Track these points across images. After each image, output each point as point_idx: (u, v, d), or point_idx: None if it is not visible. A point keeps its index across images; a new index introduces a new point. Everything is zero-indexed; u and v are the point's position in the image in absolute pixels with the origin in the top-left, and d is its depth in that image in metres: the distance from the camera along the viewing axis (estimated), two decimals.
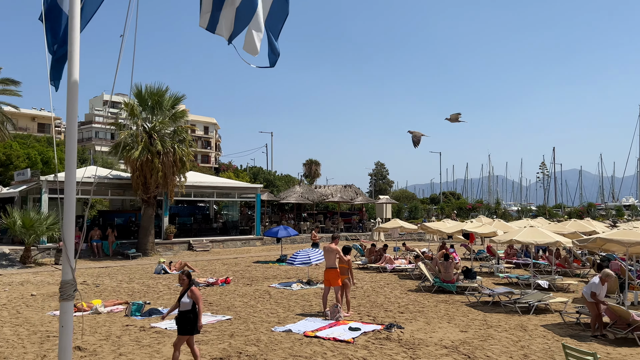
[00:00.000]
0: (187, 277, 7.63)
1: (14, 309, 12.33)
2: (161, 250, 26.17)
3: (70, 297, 3.57)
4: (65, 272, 3.71)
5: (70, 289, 3.57)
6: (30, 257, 21.00)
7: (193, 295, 7.40)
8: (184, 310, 7.39)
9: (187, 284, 7.54)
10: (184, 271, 7.78)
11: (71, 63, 3.90)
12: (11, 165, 27.79)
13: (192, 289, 7.46)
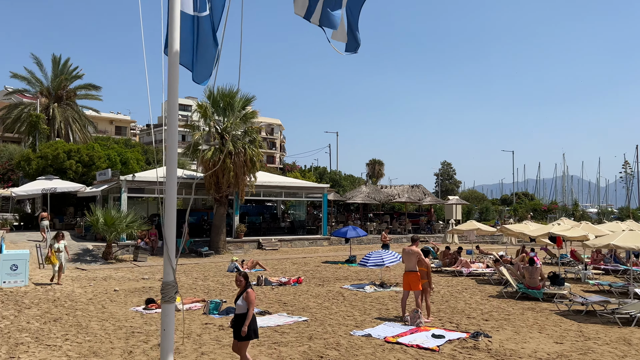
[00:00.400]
0: (244, 279, 7.22)
1: (99, 303, 12.80)
2: (232, 248, 26.62)
3: (172, 300, 3.41)
4: (167, 273, 3.55)
5: (172, 290, 3.41)
6: (111, 253, 21.97)
7: (247, 297, 7.01)
8: (240, 313, 7.03)
9: (244, 285, 7.17)
10: (240, 272, 7.41)
11: (171, 71, 3.78)
12: (93, 165, 29.31)
13: (248, 291, 7.07)
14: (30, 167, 28.42)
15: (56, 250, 15.26)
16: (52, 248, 15.36)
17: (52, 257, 15.14)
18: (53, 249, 15.31)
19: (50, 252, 15.32)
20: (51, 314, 11.42)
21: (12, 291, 14.15)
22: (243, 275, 7.27)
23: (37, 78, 39.55)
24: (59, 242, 15.58)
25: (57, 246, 15.37)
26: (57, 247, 15.38)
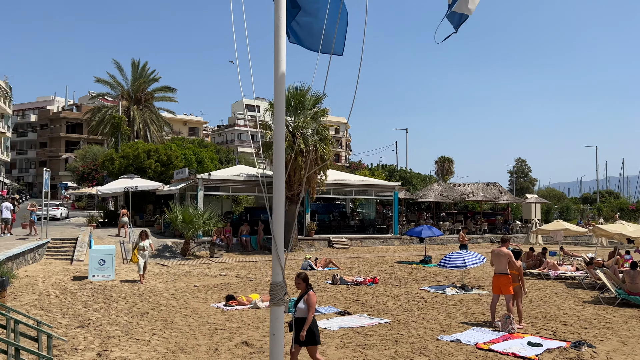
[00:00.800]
0: (304, 281, 6.87)
1: (182, 299, 13.06)
2: (303, 246, 26.65)
3: (281, 302, 3.16)
4: (276, 273, 3.30)
5: (281, 292, 3.16)
6: (189, 249, 22.61)
7: (309, 300, 6.68)
8: (301, 317, 6.73)
9: (305, 287, 6.84)
10: (300, 274, 7.03)
11: (277, 70, 3.55)
12: (171, 164, 30.40)
13: (310, 293, 6.74)
14: (114, 167, 29.93)
15: (141, 249, 15.45)
16: (137, 247, 15.61)
17: (133, 257, 15.52)
18: (138, 247, 15.53)
19: (134, 251, 15.72)
20: (137, 308, 11.76)
21: (101, 285, 14.80)
22: (302, 277, 6.90)
23: (118, 82, 41.75)
24: (143, 241, 15.75)
25: (142, 244, 15.58)
26: (142, 245, 15.59)
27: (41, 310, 11.15)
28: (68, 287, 14.20)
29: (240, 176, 26.80)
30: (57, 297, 12.80)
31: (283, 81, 3.65)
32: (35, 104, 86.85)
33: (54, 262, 19.86)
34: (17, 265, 16.55)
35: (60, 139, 75.42)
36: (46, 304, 11.87)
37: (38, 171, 78.66)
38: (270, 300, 3.28)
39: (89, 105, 77.90)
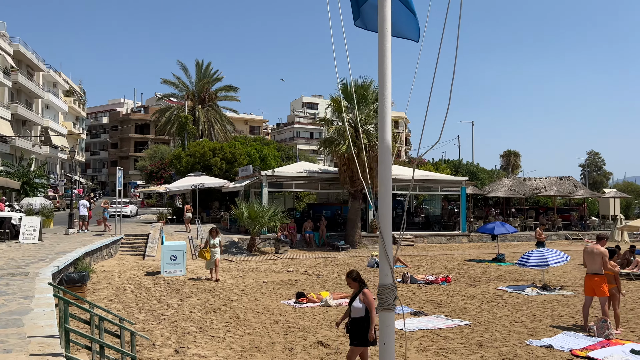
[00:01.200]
0: (354, 280, 6.38)
1: (252, 295, 13.01)
2: (367, 243, 26.19)
3: (391, 307, 2.78)
4: (384, 274, 2.92)
5: (391, 296, 2.77)
6: (255, 245, 22.77)
7: (365, 299, 6.21)
8: (357, 317, 6.24)
9: (358, 286, 6.38)
10: (352, 271, 6.53)
11: (382, 59, 3.16)
12: (235, 162, 30.85)
13: (365, 291, 6.28)
14: (181, 165, 30.75)
15: (212, 246, 15.24)
16: (207, 244, 15.38)
17: (206, 253, 15.12)
18: (208, 244, 15.31)
19: (204, 247, 15.43)
20: (209, 304, 11.79)
21: (173, 280, 15.07)
22: (352, 277, 6.41)
23: (183, 82, 42.96)
24: (214, 238, 15.47)
25: (212, 242, 15.34)
26: (213, 242, 15.34)
27: (119, 304, 11.41)
28: (142, 282, 14.54)
29: (303, 172, 26.72)
30: (132, 292, 13.11)
31: (388, 54, 3.25)
32: (107, 106, 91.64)
33: (128, 257, 20.58)
34: (94, 260, 17.22)
35: (129, 139, 79.03)
36: (123, 298, 12.16)
37: (110, 170, 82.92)
38: (378, 305, 2.91)
39: (155, 107, 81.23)
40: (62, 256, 14.06)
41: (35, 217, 18.63)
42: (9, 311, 7.01)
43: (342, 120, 25.85)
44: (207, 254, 15.13)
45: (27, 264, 12.41)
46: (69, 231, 22.42)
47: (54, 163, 58.85)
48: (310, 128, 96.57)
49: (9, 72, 44.13)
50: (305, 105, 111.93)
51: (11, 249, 15.69)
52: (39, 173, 39.54)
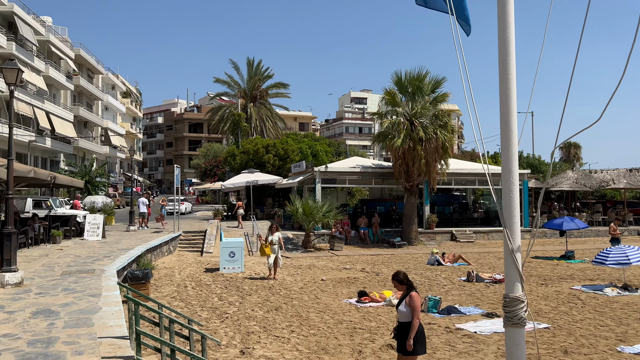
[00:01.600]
0: (401, 283, 5.84)
1: (312, 293, 12.73)
2: (424, 239, 25.44)
3: (522, 322, 2.31)
4: (511, 283, 2.47)
5: (521, 308, 2.31)
6: (310, 242, 22.57)
7: (411, 302, 5.67)
8: (404, 322, 5.73)
9: (405, 289, 5.83)
10: (398, 273, 5.96)
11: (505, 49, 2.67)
12: (288, 158, 30.79)
13: (412, 295, 5.73)
14: (235, 162, 31.02)
15: (271, 243, 14.56)
16: (267, 240, 14.71)
17: (266, 249, 14.50)
18: (268, 241, 14.65)
19: (264, 244, 14.79)
20: (270, 302, 11.60)
21: (232, 277, 15.04)
22: (399, 279, 5.87)
23: (235, 81, 43.44)
24: (273, 234, 14.73)
25: (271, 238, 14.63)
26: (272, 239, 14.63)
27: (181, 302, 11.41)
28: (202, 279, 14.58)
29: (357, 168, 26.27)
30: (193, 288, 13.13)
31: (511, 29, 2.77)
32: (161, 107, 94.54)
33: (186, 253, 20.85)
34: (154, 257, 17.50)
35: (183, 138, 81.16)
36: (184, 295, 12.17)
37: (166, 169, 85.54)
38: (504, 320, 2.46)
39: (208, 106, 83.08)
40: (124, 253, 14.31)
41: (98, 215, 19.18)
42: (79, 309, 7.00)
43: (396, 114, 25.20)
44: (268, 250, 14.52)
45: (92, 261, 12.66)
46: (130, 228, 23.01)
47: (114, 162, 61.19)
48: (359, 123, 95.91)
49: (71, 76, 46.12)
50: (354, 101, 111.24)
51: (77, 246, 16.17)
52: (100, 172, 41.15)
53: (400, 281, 5.86)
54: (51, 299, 7.74)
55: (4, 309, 7.03)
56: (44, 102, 39.45)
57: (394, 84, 24.93)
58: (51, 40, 41.39)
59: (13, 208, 9.39)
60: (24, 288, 8.63)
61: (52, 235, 16.61)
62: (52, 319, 6.43)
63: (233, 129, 39.02)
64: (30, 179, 13.65)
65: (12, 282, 8.58)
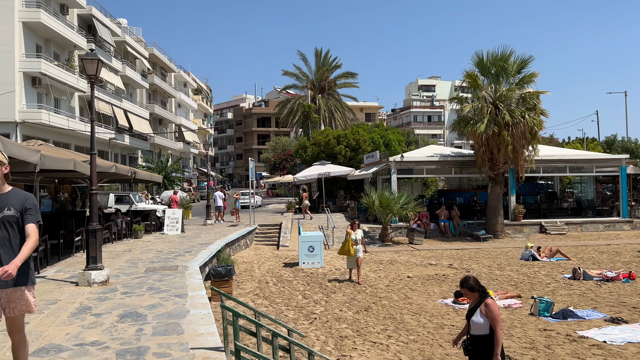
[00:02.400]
0: (472, 289, 4.76)
1: (400, 291, 11.80)
2: (510, 232, 23.67)
3: None
4: None
5: None
6: (387, 235, 21.59)
7: (489, 312, 4.61)
8: (478, 334, 4.69)
9: (477, 296, 4.75)
10: (468, 278, 4.83)
11: None
12: (360, 149, 29.89)
13: (487, 302, 4.67)
14: (306, 154, 30.52)
15: (354, 243, 12.78)
16: (349, 239, 12.88)
17: (350, 249, 12.75)
18: (350, 239, 12.87)
19: (348, 242, 12.86)
20: (357, 300, 10.80)
21: (312, 272, 14.40)
22: (468, 286, 4.82)
23: (303, 72, 42.97)
24: (355, 232, 12.98)
25: (353, 236, 12.85)
26: (355, 237, 12.84)
27: (265, 299, 10.87)
28: (282, 274, 14.05)
29: (434, 157, 24.86)
30: (274, 285, 12.61)
31: None
32: (230, 102, 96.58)
33: (263, 247, 20.56)
34: (233, 251, 17.25)
35: (252, 133, 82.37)
36: (267, 292, 11.65)
37: (236, 163, 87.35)
38: None
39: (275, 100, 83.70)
40: (205, 248, 14.06)
41: (177, 210, 19.26)
42: (166, 312, 6.51)
43: (477, 98, 23.54)
44: (350, 248, 12.75)
45: (174, 256, 12.44)
46: (207, 222, 23.09)
47: (187, 158, 63.03)
48: (428, 111, 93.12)
49: (146, 75, 47.69)
50: (422, 88, 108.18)
51: (158, 241, 16.19)
52: (175, 167, 42.25)
53: (471, 288, 4.84)
54: (137, 299, 7.36)
55: (91, 310, 6.69)
56: (122, 100, 40.98)
57: (474, 66, 23.28)
58: (127, 40, 42.87)
59: (97, 204, 9.17)
60: (109, 287, 8.36)
61: (134, 230, 16.76)
62: (140, 324, 5.96)
63: (303, 120, 38.60)
64: (112, 174, 13.69)
65: (98, 281, 8.33)
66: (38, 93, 30.85)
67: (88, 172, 9.84)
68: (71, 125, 32.13)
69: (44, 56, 30.18)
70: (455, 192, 29.05)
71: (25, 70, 29.22)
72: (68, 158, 10.01)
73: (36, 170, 8.14)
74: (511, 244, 21.14)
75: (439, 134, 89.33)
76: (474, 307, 4.82)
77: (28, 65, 29.23)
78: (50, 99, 31.86)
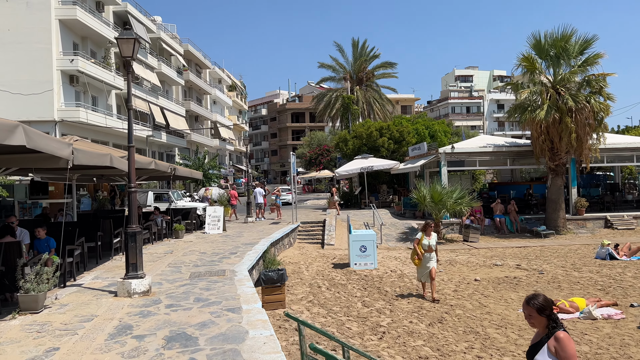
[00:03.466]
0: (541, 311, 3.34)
1: (472, 298, 10.44)
2: (572, 227, 21.81)
3: None
4: None
5: None
6: (439, 232, 20.11)
7: (560, 350, 3.23)
8: None
9: (545, 324, 3.37)
10: (532, 298, 3.40)
11: None
12: (403, 141, 28.42)
13: (559, 336, 3.27)
14: (347, 148, 29.24)
15: (426, 249, 10.41)
16: (420, 244, 10.43)
17: (417, 259, 10.35)
18: (420, 246, 10.41)
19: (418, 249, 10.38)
20: (426, 310, 9.51)
21: (366, 275, 13.17)
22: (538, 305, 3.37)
23: (340, 63, 41.63)
24: (429, 237, 10.49)
25: (426, 242, 10.42)
26: (428, 243, 10.43)
27: (320, 307, 9.71)
28: (334, 277, 12.88)
29: (487, 147, 23.14)
30: (328, 289, 11.45)
31: None
32: (264, 99, 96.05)
33: (307, 246, 19.46)
34: (277, 250, 16.20)
35: (287, 128, 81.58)
36: (322, 299, 10.48)
37: (271, 159, 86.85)
38: None
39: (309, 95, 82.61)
40: (250, 249, 13.02)
41: (218, 207, 18.35)
42: (221, 334, 5.40)
43: (532, 83, 21.71)
44: (416, 260, 10.42)
45: (219, 259, 11.43)
46: (248, 220, 22.16)
47: (223, 154, 62.69)
48: (466, 102, 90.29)
49: (182, 71, 47.31)
50: (459, 79, 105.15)
51: (200, 241, 15.27)
52: (212, 164, 41.69)
53: (540, 309, 3.38)
54: (184, 315, 6.29)
55: (132, 331, 5.64)
56: (158, 98, 40.64)
57: (531, 48, 21.44)
58: (162, 37, 42.49)
59: (136, 202, 8.17)
60: (152, 297, 7.34)
61: (175, 230, 15.90)
62: (191, 351, 4.87)
63: (343, 113, 37.28)
64: (151, 170, 12.79)
65: (139, 291, 7.32)
66: (76, 91, 30.62)
67: (126, 168, 8.87)
68: (109, 122, 31.83)
69: (80, 54, 29.89)
70: (507, 185, 27.21)
71: (63, 69, 28.97)
72: (104, 153, 9.08)
73: (68, 166, 7.17)
74: (577, 241, 19.36)
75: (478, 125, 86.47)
76: (538, 341, 3.42)
77: (65, 64, 28.96)
78: (87, 97, 31.62)
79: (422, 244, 10.47)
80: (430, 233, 10.62)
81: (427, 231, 10.61)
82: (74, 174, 11.93)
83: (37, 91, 28.08)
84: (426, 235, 10.56)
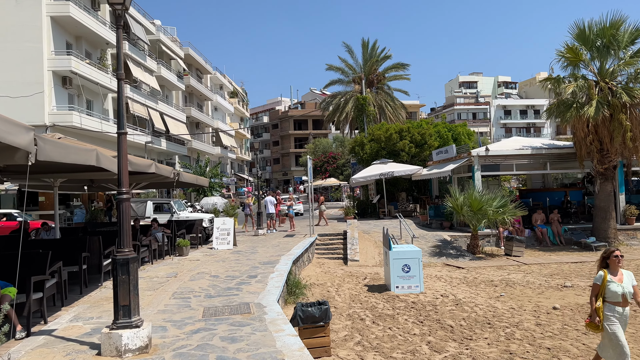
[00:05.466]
0: None
1: (564, 334, 8.04)
2: (623, 238, 19.43)
3: None
4: None
5: None
6: (477, 245, 17.75)
7: None
8: None
9: None
10: None
11: None
12: (425, 145, 26.09)
13: None
14: (364, 152, 26.91)
15: (615, 301, 5.72)
16: (600, 294, 5.94)
17: (595, 322, 5.78)
18: (602, 294, 5.82)
19: (597, 308, 5.75)
20: (516, 354, 7.13)
21: (414, 301, 10.77)
22: None
23: (350, 65, 39.46)
24: (617, 277, 5.76)
25: (617, 289, 5.63)
26: (620, 290, 6.53)
27: (377, 354, 7.31)
28: (375, 305, 10.48)
29: (524, 149, 20.80)
30: (374, 323, 9.05)
31: None
32: (266, 106, 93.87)
33: (327, 262, 17.10)
34: (298, 268, 13.82)
35: (289, 136, 79.32)
36: (372, 339, 8.08)
37: (273, 168, 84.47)
38: None
39: (311, 102, 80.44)
40: (271, 269, 10.66)
41: (227, 219, 15.95)
42: None
43: (574, 78, 19.44)
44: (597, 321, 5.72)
45: (236, 284, 9.05)
46: (259, 232, 19.79)
47: (225, 163, 60.37)
48: (472, 108, 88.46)
49: (182, 76, 45.12)
50: (463, 85, 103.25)
51: (209, 259, 12.87)
52: (214, 172, 39.37)
53: None
54: None
55: None
56: (157, 102, 38.39)
57: (574, 39, 19.20)
58: (161, 39, 40.35)
59: (129, 215, 5.74)
60: (151, 356, 4.95)
61: (178, 246, 13.51)
62: None
63: (356, 115, 34.97)
64: (152, 175, 10.39)
65: (134, 347, 4.92)
66: (69, 94, 28.35)
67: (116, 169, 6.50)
68: (104, 128, 29.50)
69: (74, 54, 27.65)
70: (542, 191, 24.84)
71: (55, 69, 26.70)
72: (88, 148, 6.71)
73: (29, 163, 4.79)
74: (631, 254, 16.98)
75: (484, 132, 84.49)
76: None
77: (58, 64, 26.70)
78: (82, 101, 29.34)
79: (607, 291, 5.65)
80: (617, 269, 5.75)
81: (613, 267, 5.75)
82: (54, 178, 9.56)
83: (27, 93, 25.79)
84: (612, 273, 5.73)
